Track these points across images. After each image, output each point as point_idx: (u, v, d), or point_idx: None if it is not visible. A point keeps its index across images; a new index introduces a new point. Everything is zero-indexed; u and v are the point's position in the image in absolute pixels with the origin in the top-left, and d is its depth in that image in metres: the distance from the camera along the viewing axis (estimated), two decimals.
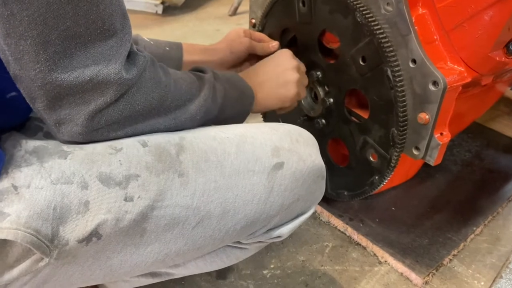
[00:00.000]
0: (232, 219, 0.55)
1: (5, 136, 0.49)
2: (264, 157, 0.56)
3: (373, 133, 0.82)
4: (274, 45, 0.85)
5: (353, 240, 0.98)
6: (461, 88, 0.74)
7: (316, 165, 0.61)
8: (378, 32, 0.73)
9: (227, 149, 0.54)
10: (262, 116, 1.12)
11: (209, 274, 0.88)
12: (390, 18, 0.72)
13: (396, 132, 0.77)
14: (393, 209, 1.03)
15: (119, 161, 0.47)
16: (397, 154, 0.79)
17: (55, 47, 0.42)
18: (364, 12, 0.74)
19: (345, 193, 0.94)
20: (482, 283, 0.88)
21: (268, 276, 0.89)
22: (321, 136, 0.92)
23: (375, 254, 0.94)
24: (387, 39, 0.73)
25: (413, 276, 0.88)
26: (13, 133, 0.49)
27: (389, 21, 0.72)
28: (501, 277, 0.90)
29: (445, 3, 0.71)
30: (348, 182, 0.93)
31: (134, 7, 2.27)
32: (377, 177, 0.85)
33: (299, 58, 0.84)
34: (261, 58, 0.80)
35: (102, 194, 0.45)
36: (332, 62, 0.85)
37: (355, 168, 0.90)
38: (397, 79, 0.73)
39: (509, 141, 1.30)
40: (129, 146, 0.49)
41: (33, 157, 0.45)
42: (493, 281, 0.88)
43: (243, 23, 2.22)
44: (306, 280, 0.88)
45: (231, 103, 0.64)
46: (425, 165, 0.93)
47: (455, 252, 0.94)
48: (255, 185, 0.55)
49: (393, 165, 0.81)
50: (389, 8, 0.72)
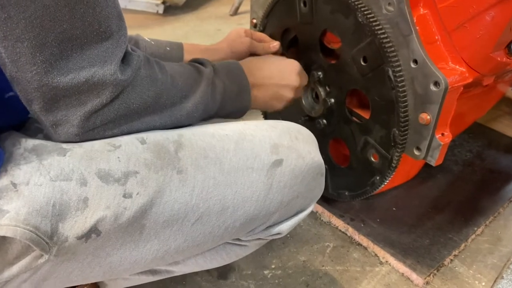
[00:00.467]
0: (231, 216, 0.55)
1: (4, 135, 0.49)
2: (263, 154, 0.56)
3: (374, 133, 0.82)
4: (275, 45, 0.85)
5: (354, 240, 0.98)
6: (462, 88, 0.73)
7: (315, 162, 0.61)
8: (380, 32, 0.73)
9: (226, 146, 0.54)
10: (262, 114, 1.12)
11: (210, 274, 0.88)
12: (391, 18, 0.72)
13: (397, 132, 0.77)
14: (394, 209, 1.03)
15: (118, 158, 0.47)
16: (398, 154, 0.79)
17: (51, 49, 0.42)
18: (365, 12, 0.73)
19: (346, 193, 0.94)
20: (483, 283, 0.88)
21: (269, 276, 0.88)
22: (322, 136, 0.92)
23: (376, 255, 0.94)
24: (388, 39, 0.73)
25: (414, 276, 0.88)
26: (13, 132, 0.49)
27: (390, 21, 0.72)
28: (502, 277, 0.90)
29: (446, 4, 0.71)
30: (349, 182, 0.93)
31: (135, 7, 2.27)
32: (378, 178, 0.85)
33: (300, 58, 0.84)
34: None
35: (101, 191, 0.45)
36: (333, 62, 0.85)
37: (356, 168, 0.90)
38: (398, 79, 0.73)
39: (510, 141, 1.30)
40: (128, 143, 0.49)
41: (32, 154, 0.45)
42: (494, 281, 0.88)
43: (244, 23, 2.22)
44: (307, 280, 0.88)
45: (232, 99, 0.64)
46: (426, 165, 0.93)
47: (456, 252, 0.93)
48: (254, 182, 0.55)
49: (394, 165, 0.81)
50: (391, 8, 0.72)
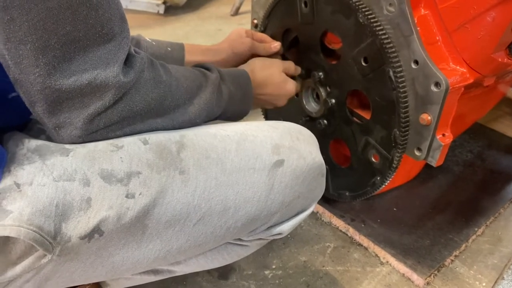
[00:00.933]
0: (233, 216, 0.55)
1: (7, 136, 0.49)
2: (265, 155, 0.57)
3: (375, 134, 0.82)
4: (276, 45, 0.86)
5: (354, 240, 0.98)
6: (463, 89, 0.74)
7: (316, 162, 0.62)
8: (380, 33, 0.73)
9: (227, 146, 0.55)
10: (263, 114, 1.13)
11: (211, 274, 0.88)
12: (392, 19, 0.72)
13: (398, 133, 0.77)
14: (394, 209, 1.03)
15: (121, 158, 0.48)
16: (399, 155, 0.79)
17: (54, 51, 0.42)
18: (366, 13, 0.74)
19: (347, 193, 0.94)
20: (484, 284, 0.88)
21: (270, 277, 0.89)
22: (323, 137, 0.92)
23: (376, 255, 0.94)
24: (389, 40, 0.73)
25: (414, 277, 0.88)
26: (16, 133, 0.50)
27: (391, 22, 0.73)
28: (502, 278, 0.90)
29: (447, 4, 0.71)
30: (350, 183, 0.93)
31: (136, 7, 2.28)
32: (379, 178, 0.85)
33: (301, 59, 0.85)
34: None
35: (104, 191, 0.46)
36: (334, 62, 0.85)
37: (357, 169, 0.90)
38: (399, 80, 0.73)
39: (511, 141, 1.30)
40: (130, 143, 0.49)
41: (35, 155, 0.46)
42: (495, 282, 0.88)
43: (244, 23, 2.22)
44: (307, 280, 0.88)
45: (235, 105, 0.65)
46: (427, 166, 0.93)
47: (456, 253, 0.94)
48: (256, 182, 0.56)
49: (395, 166, 0.81)
50: (391, 9, 0.72)
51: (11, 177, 0.43)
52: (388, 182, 0.84)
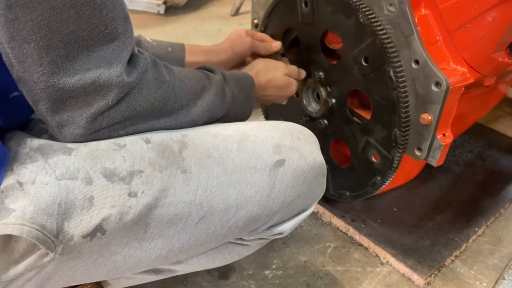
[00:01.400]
0: (234, 216, 0.55)
1: (9, 135, 0.49)
2: (266, 154, 0.57)
3: (375, 134, 0.82)
4: (277, 44, 0.86)
5: (355, 240, 0.98)
6: (463, 89, 0.74)
7: (317, 162, 0.62)
8: (381, 32, 0.73)
9: (229, 146, 0.55)
10: (263, 114, 1.13)
11: (211, 274, 0.88)
12: (392, 18, 0.72)
13: (398, 133, 0.77)
14: (395, 209, 1.03)
15: (123, 157, 0.48)
16: (399, 155, 0.79)
17: (58, 50, 0.42)
18: (366, 13, 0.74)
19: (347, 193, 0.94)
20: (484, 284, 0.88)
21: (270, 277, 0.89)
22: (323, 137, 0.92)
23: (377, 255, 0.94)
24: (389, 40, 0.73)
25: (415, 277, 0.88)
26: (18, 132, 0.50)
27: (391, 22, 0.73)
28: (503, 278, 0.90)
29: (448, 4, 0.71)
30: (350, 183, 0.93)
31: (136, 7, 2.28)
32: (379, 178, 0.85)
33: (301, 59, 0.85)
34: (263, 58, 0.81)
35: (106, 190, 0.46)
36: (335, 62, 0.85)
37: (357, 169, 0.90)
38: (400, 80, 0.73)
39: (511, 141, 1.30)
40: (133, 142, 0.50)
41: (37, 154, 0.46)
42: (496, 282, 0.88)
43: (245, 23, 2.22)
44: (307, 280, 0.88)
45: (237, 106, 0.65)
46: (427, 166, 0.93)
47: (457, 253, 0.94)
48: (257, 182, 0.56)
49: (395, 166, 0.81)
50: (392, 8, 0.72)
51: (13, 176, 0.44)
52: (389, 182, 0.84)
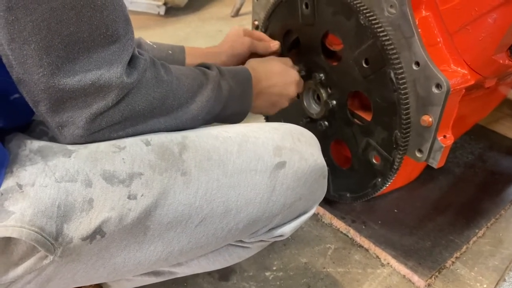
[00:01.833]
0: (234, 218, 0.55)
1: (9, 137, 0.49)
2: (266, 156, 0.57)
3: (376, 135, 0.82)
4: (275, 44, 0.86)
5: (355, 242, 0.98)
6: (464, 90, 0.74)
7: (318, 164, 0.62)
8: (381, 34, 0.73)
9: (229, 148, 0.55)
10: (264, 116, 1.13)
11: (212, 276, 0.88)
12: (393, 20, 0.72)
13: (399, 134, 0.77)
14: (395, 211, 1.03)
15: (123, 159, 0.48)
16: (400, 156, 0.79)
17: (58, 52, 0.42)
18: (367, 14, 0.74)
19: (348, 195, 0.94)
20: (485, 285, 0.88)
21: (271, 278, 0.89)
22: (323, 138, 0.92)
23: (377, 256, 0.94)
24: (390, 42, 0.73)
25: (415, 278, 0.88)
26: (18, 134, 0.50)
27: (392, 24, 0.73)
28: (504, 280, 0.90)
29: (448, 6, 0.71)
30: (351, 184, 0.93)
31: (137, 8, 2.28)
32: (379, 179, 0.85)
33: (302, 60, 0.85)
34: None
35: (106, 192, 0.46)
36: (335, 64, 0.85)
37: (358, 170, 0.90)
38: (400, 81, 0.73)
39: (511, 143, 1.30)
40: (132, 144, 0.50)
41: (37, 156, 0.46)
42: (496, 283, 0.88)
43: (245, 24, 2.22)
44: (308, 282, 0.88)
45: (235, 101, 0.64)
46: (428, 167, 0.93)
47: (457, 254, 0.93)
48: (257, 184, 0.56)
49: (395, 167, 0.81)
50: (393, 10, 0.72)
51: (13, 178, 0.44)
52: (389, 183, 0.84)
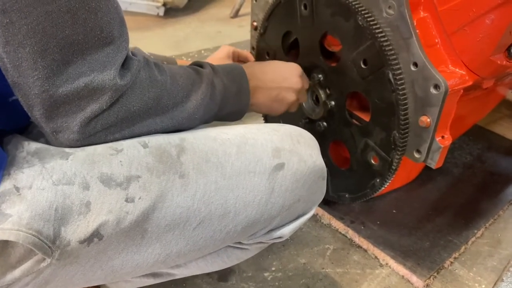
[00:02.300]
0: (233, 220, 0.55)
1: (7, 139, 0.49)
2: (265, 158, 0.57)
3: (375, 136, 0.82)
4: None
5: (354, 242, 0.98)
6: (462, 91, 0.74)
7: (317, 165, 0.61)
8: (380, 35, 0.73)
9: (227, 150, 0.55)
10: (263, 117, 1.13)
11: (210, 277, 0.88)
12: (391, 21, 0.72)
13: (397, 135, 0.77)
14: (394, 211, 1.03)
15: (120, 162, 0.48)
16: (398, 157, 0.79)
17: (53, 55, 0.42)
18: (365, 15, 0.74)
19: (346, 195, 0.94)
20: (483, 286, 0.88)
21: (269, 279, 0.89)
22: (322, 139, 0.92)
23: (376, 257, 0.94)
24: (388, 43, 0.73)
25: (414, 279, 0.88)
26: (16, 136, 0.49)
27: (390, 25, 0.73)
28: (502, 280, 0.90)
29: (446, 7, 0.71)
30: (349, 185, 0.93)
31: (136, 9, 2.28)
32: (378, 180, 0.85)
33: (301, 61, 0.85)
34: None
35: (103, 195, 0.46)
36: (334, 65, 0.85)
37: (357, 171, 0.90)
38: (399, 82, 0.73)
39: (510, 143, 1.30)
40: (130, 147, 0.49)
41: (34, 158, 0.46)
42: (494, 284, 0.88)
43: (244, 25, 2.23)
44: (307, 282, 0.88)
45: (231, 99, 0.64)
46: (426, 168, 0.93)
47: (456, 255, 0.94)
48: (256, 186, 0.55)
49: (394, 168, 0.81)
50: (391, 11, 0.72)
51: (10, 180, 0.43)
52: (388, 184, 0.84)
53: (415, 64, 0.72)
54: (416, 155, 0.77)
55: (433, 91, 0.71)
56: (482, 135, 1.31)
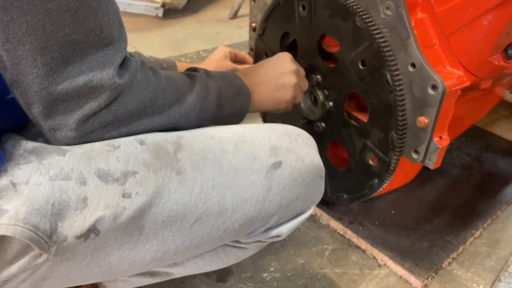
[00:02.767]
0: (230, 217, 0.55)
1: (5, 137, 0.49)
2: (263, 156, 0.57)
3: (373, 137, 0.83)
4: None
5: (352, 243, 0.98)
6: (460, 92, 0.74)
7: (314, 164, 0.62)
8: (378, 36, 0.73)
9: (225, 147, 0.55)
10: (261, 117, 1.13)
11: (209, 277, 0.88)
12: (389, 22, 0.73)
13: (395, 135, 0.77)
14: (392, 212, 1.04)
15: (117, 158, 0.48)
16: (396, 157, 0.79)
17: (52, 53, 0.43)
18: (363, 17, 0.74)
19: (345, 196, 0.94)
20: (481, 286, 0.88)
21: (268, 279, 0.89)
22: (321, 139, 0.92)
23: (374, 257, 0.94)
24: (386, 43, 0.73)
25: (412, 279, 0.88)
26: (13, 134, 0.50)
27: (388, 26, 0.73)
28: (500, 280, 0.90)
29: (444, 8, 0.71)
30: (348, 185, 0.93)
31: (135, 10, 2.28)
32: (376, 180, 0.85)
33: (299, 62, 0.85)
34: None
35: (100, 190, 0.46)
36: (332, 66, 0.86)
37: (355, 171, 0.90)
38: (397, 83, 0.74)
39: (508, 144, 1.30)
40: (127, 143, 0.50)
41: (32, 155, 0.46)
42: (492, 284, 0.88)
43: (243, 26, 2.23)
44: (305, 283, 0.88)
45: (229, 100, 0.64)
46: (425, 168, 0.93)
47: (454, 255, 0.94)
48: (253, 183, 0.56)
49: (392, 168, 0.81)
50: (389, 12, 0.72)
51: (7, 176, 0.44)
52: (386, 184, 0.84)
53: (413, 65, 0.72)
54: (414, 155, 0.78)
55: (430, 91, 0.71)
56: (480, 135, 1.32)
